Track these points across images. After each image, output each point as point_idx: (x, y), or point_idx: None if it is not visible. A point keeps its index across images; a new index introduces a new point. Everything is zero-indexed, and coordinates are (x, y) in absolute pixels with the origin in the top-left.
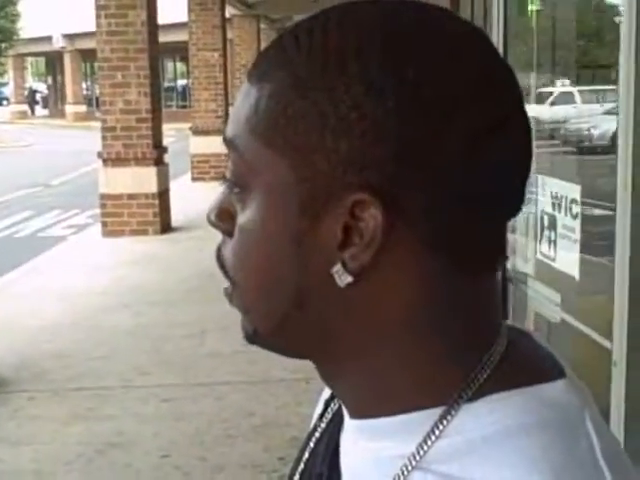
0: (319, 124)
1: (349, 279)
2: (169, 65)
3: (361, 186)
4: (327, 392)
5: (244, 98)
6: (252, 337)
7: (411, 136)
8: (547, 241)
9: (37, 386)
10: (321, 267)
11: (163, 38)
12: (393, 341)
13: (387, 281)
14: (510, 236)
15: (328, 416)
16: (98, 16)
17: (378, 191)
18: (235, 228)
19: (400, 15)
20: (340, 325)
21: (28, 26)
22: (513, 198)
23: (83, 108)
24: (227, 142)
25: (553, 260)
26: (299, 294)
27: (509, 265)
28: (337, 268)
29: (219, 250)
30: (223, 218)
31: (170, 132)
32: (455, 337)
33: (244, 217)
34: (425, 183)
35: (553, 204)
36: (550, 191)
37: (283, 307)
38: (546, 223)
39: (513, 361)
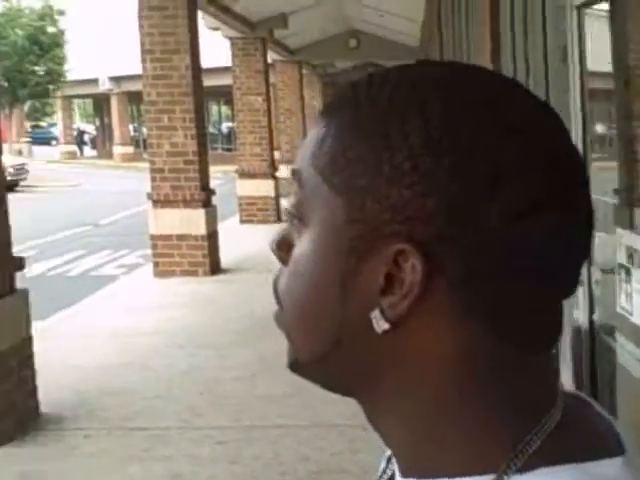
0: (374, 169)
1: (386, 326)
2: (214, 108)
3: (405, 236)
4: None
5: (313, 133)
6: (293, 366)
7: (457, 195)
8: (625, 294)
9: (93, 424)
10: (361, 310)
11: (208, 82)
12: (433, 394)
13: (423, 333)
14: (595, 286)
15: (389, 472)
16: (144, 60)
17: (420, 243)
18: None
19: (468, 80)
20: (378, 369)
21: (75, 69)
22: (566, 278)
23: (130, 149)
24: (293, 173)
25: (631, 314)
26: (338, 332)
27: (595, 315)
28: (375, 313)
29: (277, 276)
30: (282, 247)
31: (217, 174)
32: (502, 402)
33: (298, 249)
34: (467, 244)
35: (628, 256)
36: (625, 244)
37: (322, 343)
38: (623, 276)
39: (568, 433)
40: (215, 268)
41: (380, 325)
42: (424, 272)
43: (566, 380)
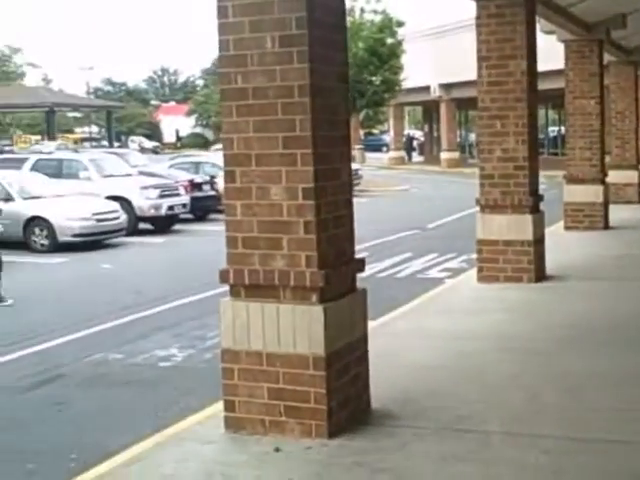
0: None
1: None
2: (541, 112)
3: None
4: None
5: None
6: None
7: None
8: None
9: (420, 423)
10: None
11: (538, 86)
12: None
13: None
14: None
15: None
16: (480, 67)
17: None
18: None
19: None
20: None
21: (409, 77)
22: None
23: (456, 155)
24: None
25: None
26: None
27: None
28: None
29: None
30: None
31: (541, 179)
32: None
33: None
34: None
35: None
36: None
37: None
38: None
39: None
40: (540, 275)
41: None
42: None
43: None
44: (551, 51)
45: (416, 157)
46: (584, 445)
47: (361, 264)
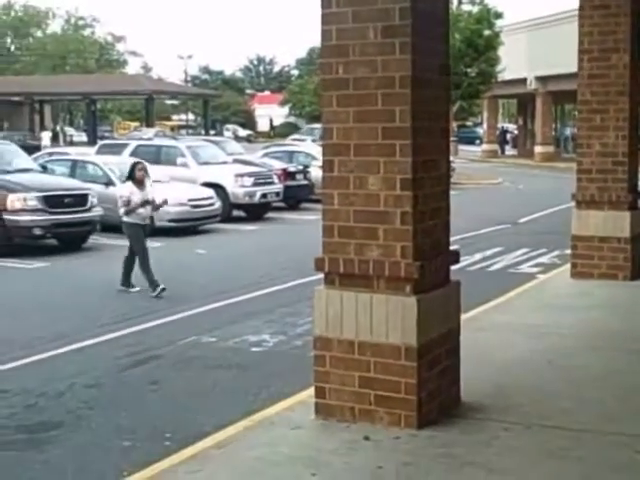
0: None
1: None
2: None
3: None
4: None
5: None
6: None
7: None
8: None
9: (510, 418)
10: None
11: None
12: None
13: None
14: None
15: None
16: (580, 60)
17: None
18: None
19: None
20: None
21: (505, 69)
22: None
23: (551, 149)
24: None
25: None
26: None
27: None
28: None
29: None
30: None
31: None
32: None
33: None
34: None
35: None
36: None
37: None
38: None
39: None
40: (636, 273)
41: None
42: None
43: None
44: None
45: (509, 150)
46: None
47: (455, 256)
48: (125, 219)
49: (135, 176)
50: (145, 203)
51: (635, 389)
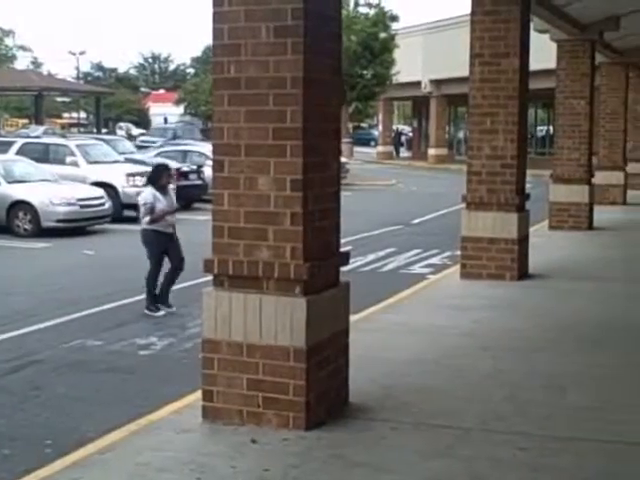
0: None
1: None
2: (530, 111)
3: None
4: None
5: None
6: None
7: None
8: None
9: (399, 417)
10: None
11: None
12: None
13: None
14: None
15: None
16: (472, 64)
17: None
18: None
19: None
20: None
21: (400, 72)
22: None
23: (444, 151)
24: None
25: None
26: None
27: None
28: None
29: None
30: None
31: (528, 178)
32: None
33: None
34: None
35: None
36: None
37: None
38: None
39: None
40: (523, 273)
41: None
42: None
43: None
44: (542, 51)
45: (404, 152)
46: (562, 444)
47: (345, 258)
48: (147, 227)
49: (161, 181)
50: (174, 210)
51: (521, 387)
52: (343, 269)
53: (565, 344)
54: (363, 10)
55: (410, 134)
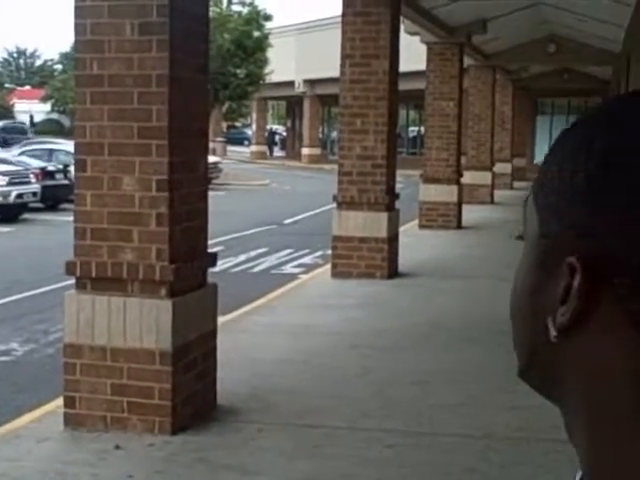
0: (559, 189)
1: (554, 333)
2: (402, 113)
3: (579, 251)
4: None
5: None
6: (518, 373)
7: (626, 213)
8: None
9: (266, 419)
10: (545, 318)
11: (399, 86)
12: (610, 413)
13: (592, 346)
14: None
15: None
16: (343, 64)
17: (589, 258)
18: None
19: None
20: (561, 381)
21: (274, 71)
22: None
23: (318, 151)
24: None
25: None
26: (533, 342)
27: None
28: (549, 321)
29: None
30: None
31: (399, 178)
32: None
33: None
34: (635, 261)
35: None
36: None
37: (525, 352)
38: None
39: None
40: (393, 272)
41: (551, 333)
42: (587, 286)
43: None
44: (413, 52)
45: (278, 152)
46: (427, 439)
47: (213, 259)
48: None
49: None
50: None
51: (389, 385)
52: (214, 270)
53: (434, 341)
54: (236, 8)
55: (284, 134)
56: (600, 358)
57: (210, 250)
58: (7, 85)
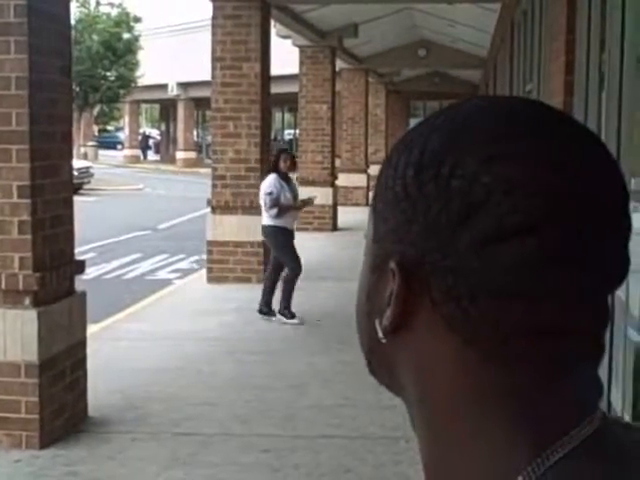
0: (384, 195)
1: (380, 335)
2: (277, 116)
3: (398, 256)
4: None
5: None
6: (368, 369)
7: (435, 222)
8: None
9: (140, 428)
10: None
11: (273, 89)
12: (438, 407)
13: (414, 347)
14: None
15: None
16: (214, 68)
17: (407, 263)
18: None
19: (475, 119)
20: (397, 378)
21: (146, 74)
22: (557, 302)
23: (193, 155)
24: None
25: None
26: (370, 342)
27: None
28: (377, 323)
29: None
30: None
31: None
32: (515, 418)
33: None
34: (446, 266)
35: None
36: None
37: (365, 351)
38: None
39: (588, 456)
40: None
41: (378, 334)
42: (404, 290)
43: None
44: (288, 56)
45: (152, 156)
46: (304, 442)
47: (81, 266)
48: (272, 223)
49: (281, 167)
50: (307, 202)
51: (265, 390)
52: (85, 277)
53: (311, 343)
54: (105, 10)
55: (158, 137)
56: (424, 359)
57: (79, 257)
58: None
